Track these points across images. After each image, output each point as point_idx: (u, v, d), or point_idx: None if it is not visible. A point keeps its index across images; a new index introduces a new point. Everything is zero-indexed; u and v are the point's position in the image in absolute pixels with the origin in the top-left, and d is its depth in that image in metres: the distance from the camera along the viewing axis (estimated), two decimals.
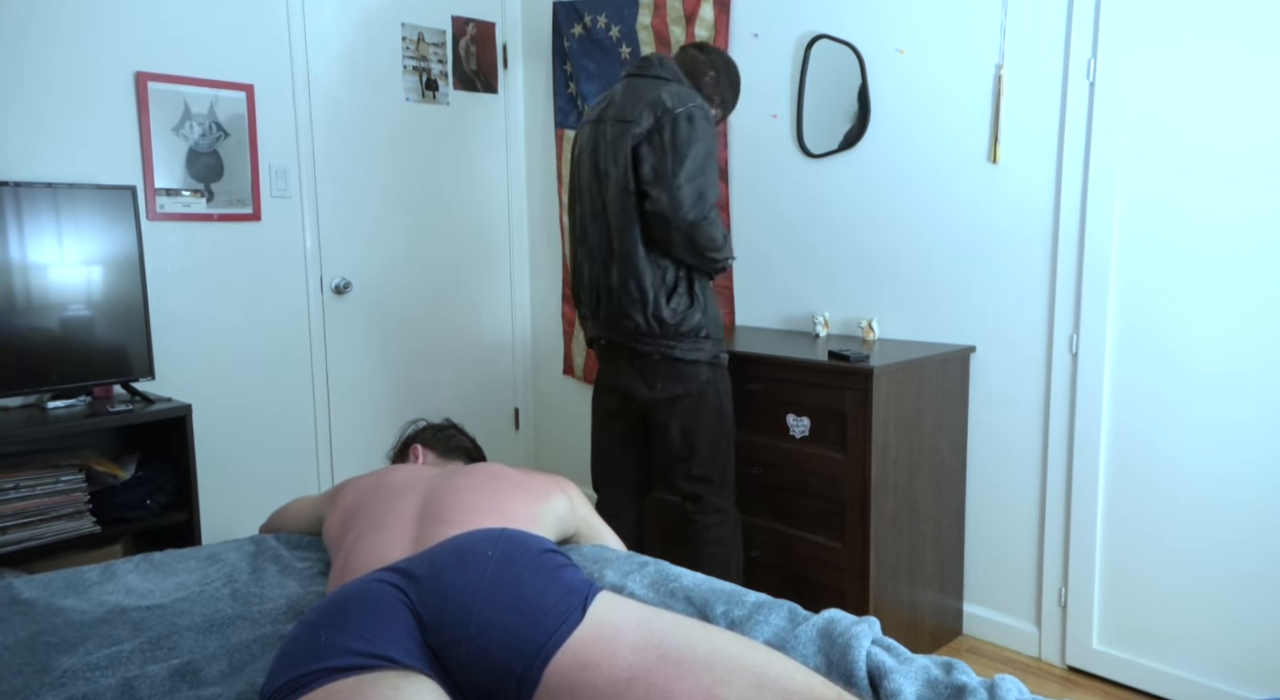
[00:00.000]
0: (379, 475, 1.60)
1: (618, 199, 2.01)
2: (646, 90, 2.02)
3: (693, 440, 2.09)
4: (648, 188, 1.96)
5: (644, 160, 1.96)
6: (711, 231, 1.98)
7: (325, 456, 3.07)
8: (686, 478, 2.12)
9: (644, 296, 2.02)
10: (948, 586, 2.35)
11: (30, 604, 1.40)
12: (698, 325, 2.05)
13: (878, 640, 1.22)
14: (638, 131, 1.97)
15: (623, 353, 2.11)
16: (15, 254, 2.22)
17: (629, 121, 1.99)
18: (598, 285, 2.12)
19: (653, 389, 2.08)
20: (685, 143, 1.94)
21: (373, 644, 1.03)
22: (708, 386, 2.09)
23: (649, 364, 2.07)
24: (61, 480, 2.21)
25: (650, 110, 1.97)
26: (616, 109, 2.04)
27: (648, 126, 1.96)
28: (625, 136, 1.99)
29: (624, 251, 2.02)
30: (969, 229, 2.32)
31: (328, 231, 3.01)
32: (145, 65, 2.56)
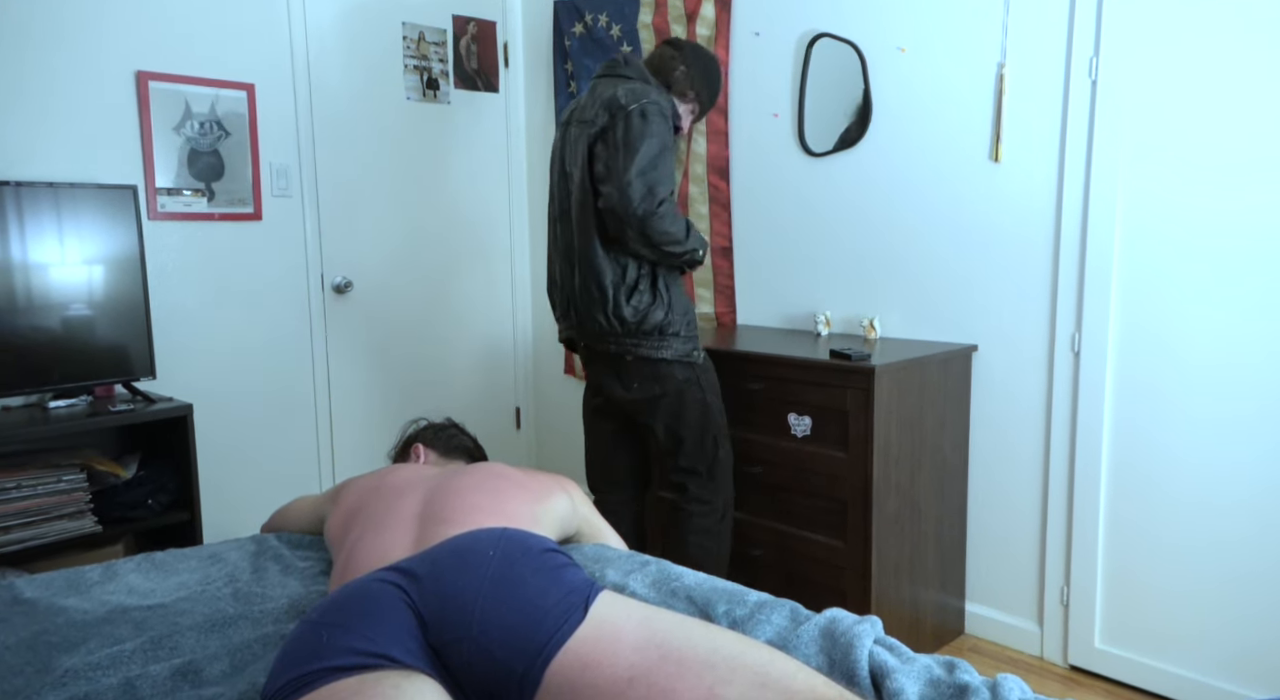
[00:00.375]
0: (380, 475, 1.60)
1: (578, 199, 2.04)
2: (606, 90, 2.04)
3: (679, 436, 2.12)
4: (599, 184, 1.97)
5: (598, 158, 1.98)
6: (664, 225, 1.96)
7: (326, 456, 3.07)
8: (674, 470, 2.16)
9: (604, 296, 2.02)
10: (949, 586, 2.35)
11: (32, 603, 1.40)
12: (661, 323, 2.04)
13: (880, 640, 1.21)
14: (593, 131, 1.99)
15: (597, 354, 2.12)
16: (16, 253, 2.22)
17: (587, 122, 2.02)
18: (566, 286, 2.13)
19: (629, 390, 2.10)
20: (637, 138, 1.93)
21: (374, 643, 1.03)
22: (686, 385, 2.09)
23: (623, 364, 2.08)
24: (63, 480, 2.21)
25: (605, 108, 1.99)
26: (580, 110, 2.07)
27: (602, 124, 1.98)
28: (583, 136, 2.02)
29: (583, 251, 2.04)
30: (971, 228, 2.31)
31: (328, 231, 3.01)
32: (146, 64, 2.56)
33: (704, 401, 2.12)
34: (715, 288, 2.93)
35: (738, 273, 2.89)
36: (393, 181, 3.16)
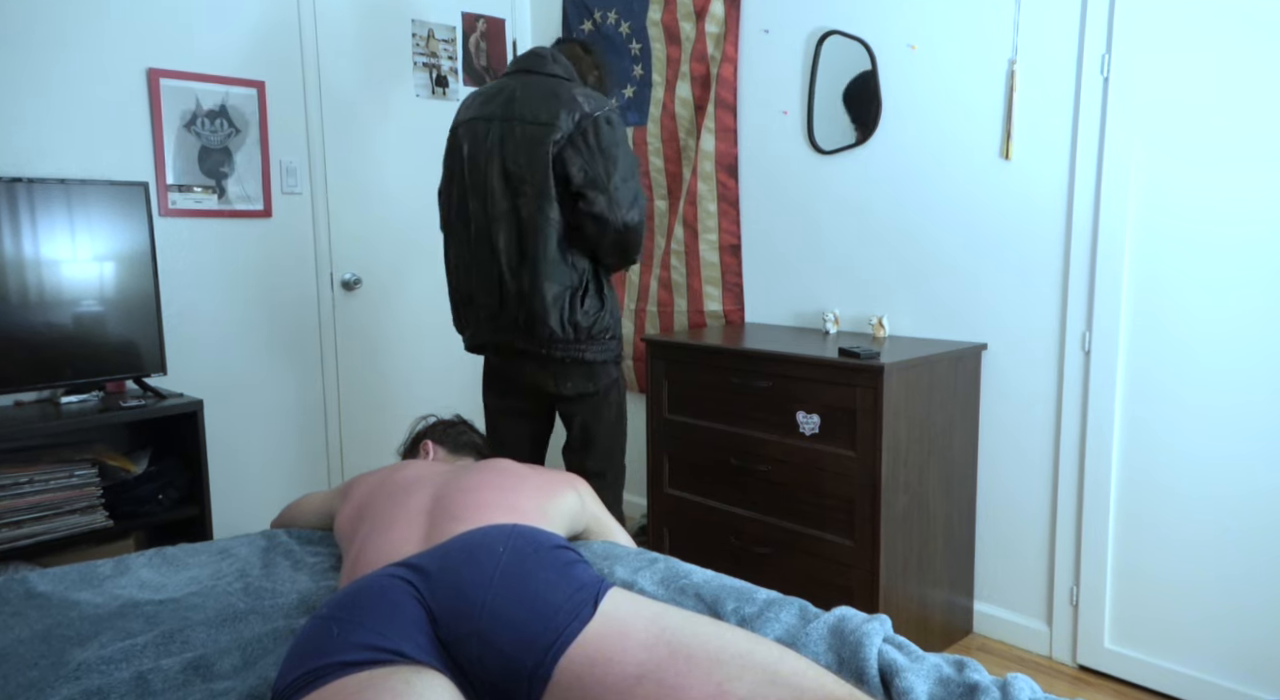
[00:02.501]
0: (390, 471, 1.60)
1: (534, 202, 1.96)
2: (552, 89, 1.98)
3: (592, 436, 2.15)
4: (583, 190, 1.94)
5: (569, 164, 1.94)
6: (642, 233, 2.04)
7: (335, 451, 3.08)
8: (580, 471, 2.17)
9: (558, 302, 1.99)
10: (958, 584, 2.34)
11: (45, 597, 1.40)
12: (606, 326, 2.07)
13: (889, 638, 1.21)
14: (559, 136, 1.93)
15: (531, 356, 2.07)
16: (29, 250, 2.23)
17: (544, 124, 1.94)
18: (501, 288, 2.03)
19: (563, 387, 2.09)
20: (611, 145, 1.95)
21: (385, 638, 1.04)
22: (613, 385, 2.15)
23: (560, 365, 2.07)
24: (75, 475, 2.23)
25: (567, 112, 1.94)
26: (522, 107, 1.97)
27: (568, 130, 1.93)
28: (544, 140, 1.93)
29: (536, 255, 1.97)
30: (981, 225, 2.30)
31: (338, 227, 3.02)
32: (157, 62, 2.57)
33: (619, 404, 2.19)
34: (723, 286, 2.92)
35: (746, 270, 2.89)
36: (402, 178, 3.17)
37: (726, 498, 2.41)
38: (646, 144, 3.07)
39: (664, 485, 2.58)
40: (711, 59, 2.84)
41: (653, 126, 3.04)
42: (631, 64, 3.09)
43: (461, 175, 2.05)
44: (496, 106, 2.01)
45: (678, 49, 2.94)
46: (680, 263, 3.00)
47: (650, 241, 3.15)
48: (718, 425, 2.40)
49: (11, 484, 2.12)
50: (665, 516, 2.59)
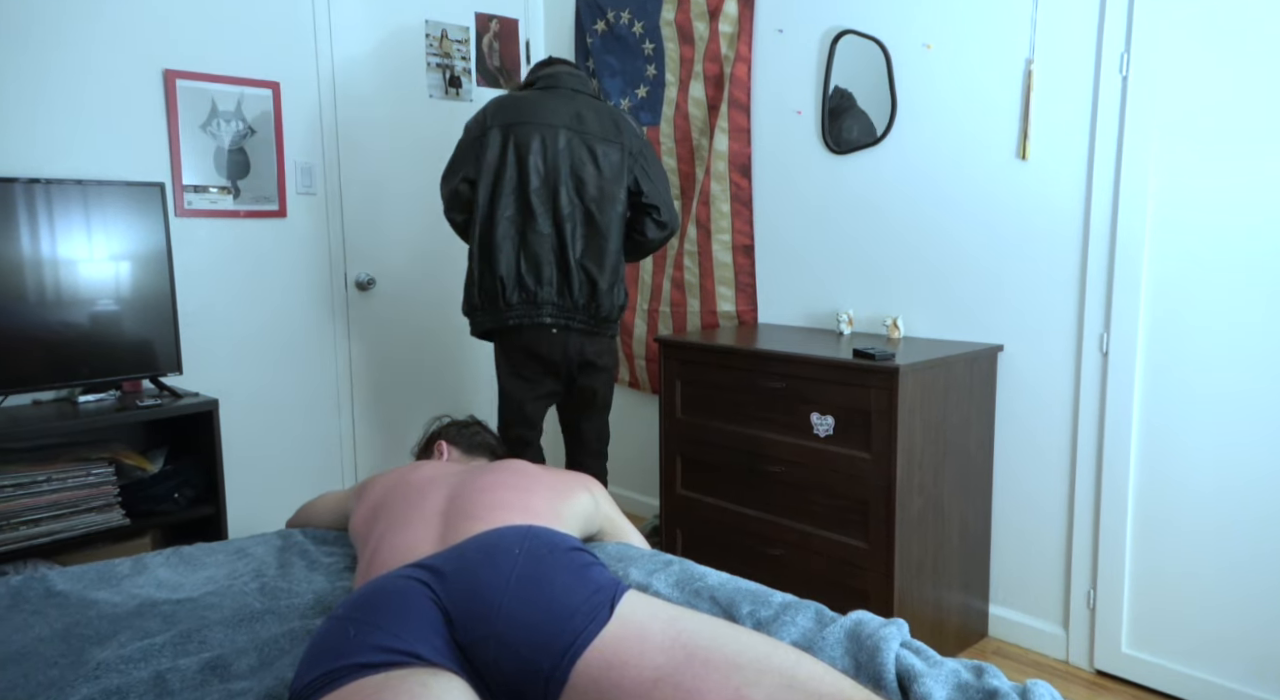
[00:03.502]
0: (404, 471, 1.61)
1: (610, 207, 2.32)
2: (610, 111, 2.36)
3: (605, 402, 2.54)
4: (654, 203, 2.37)
5: (641, 180, 2.35)
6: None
7: (349, 452, 3.09)
8: (597, 434, 2.58)
9: (614, 289, 2.37)
10: (973, 588, 2.33)
11: (64, 596, 1.42)
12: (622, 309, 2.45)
13: (906, 643, 1.20)
14: (630, 154, 2.34)
15: (581, 333, 2.37)
16: (46, 250, 2.25)
17: (616, 143, 2.32)
18: (568, 275, 2.31)
19: (600, 359, 2.43)
20: (659, 165, 2.43)
21: (401, 640, 1.04)
22: (615, 358, 2.52)
23: (603, 341, 2.43)
24: (92, 473, 2.24)
25: (631, 134, 2.36)
26: (593, 124, 2.31)
27: (635, 150, 2.35)
28: (620, 156, 2.32)
29: (604, 250, 2.33)
30: (997, 226, 2.29)
31: (352, 228, 3.03)
32: (173, 63, 2.58)
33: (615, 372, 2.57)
34: (736, 286, 2.92)
35: (759, 271, 2.88)
36: (415, 179, 3.18)
37: (739, 499, 2.40)
38: (659, 144, 3.06)
39: (676, 486, 2.57)
40: (725, 58, 2.83)
41: (665, 126, 3.04)
42: (644, 64, 3.08)
43: (516, 173, 2.29)
44: (559, 118, 2.30)
45: (691, 49, 2.93)
46: (693, 263, 2.99)
47: None
48: (731, 426, 2.40)
49: (30, 482, 2.14)
50: (678, 517, 2.58)
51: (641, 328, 3.23)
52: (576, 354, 2.37)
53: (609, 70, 3.20)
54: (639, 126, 2.37)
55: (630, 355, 3.30)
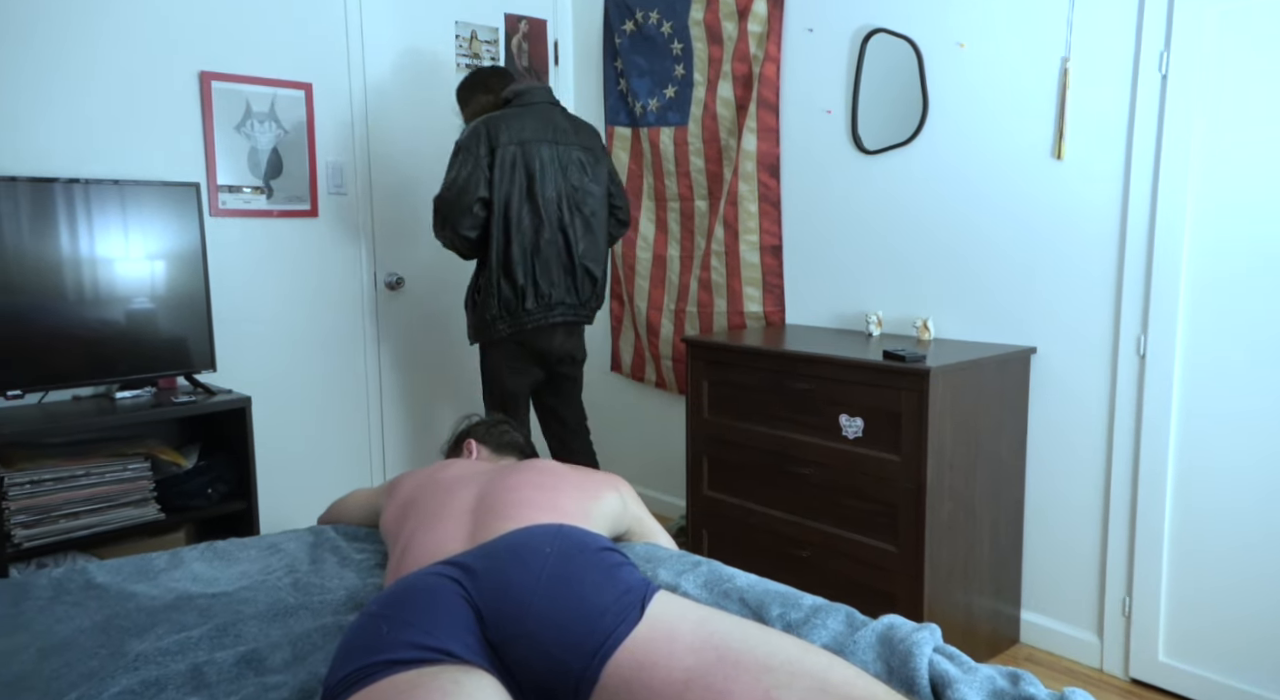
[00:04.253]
0: (434, 469, 1.62)
1: (600, 208, 2.59)
2: (573, 117, 2.58)
3: (581, 383, 2.79)
4: (619, 202, 2.68)
5: (613, 181, 2.65)
6: None
7: (377, 449, 3.12)
8: (577, 414, 2.79)
9: (602, 281, 2.62)
10: (1004, 593, 2.30)
11: (104, 588, 1.44)
12: None
13: (939, 648, 1.19)
14: (601, 157, 2.60)
15: (568, 325, 2.60)
16: (85, 249, 2.29)
17: (594, 150, 2.59)
18: (575, 277, 2.55)
19: (580, 351, 2.69)
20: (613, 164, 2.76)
21: (433, 637, 1.04)
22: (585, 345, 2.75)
23: (580, 333, 2.67)
24: (129, 468, 2.28)
25: (597, 140, 2.62)
26: (575, 136, 2.54)
27: (602, 153, 2.61)
28: (600, 163, 2.59)
29: (600, 251, 2.60)
30: (1031, 226, 2.25)
31: (381, 228, 3.06)
32: (209, 65, 2.62)
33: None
34: (764, 287, 2.90)
35: (787, 271, 2.87)
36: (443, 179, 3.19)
37: (766, 500, 2.39)
38: (688, 144, 3.06)
39: (703, 486, 2.57)
40: (754, 58, 2.82)
41: (694, 126, 3.03)
42: (673, 64, 3.08)
43: (526, 187, 2.45)
44: (547, 132, 2.49)
45: (719, 48, 2.92)
46: (720, 263, 2.98)
47: (690, 242, 3.14)
48: (758, 427, 2.39)
49: (69, 476, 2.18)
50: (704, 518, 2.58)
51: (668, 328, 3.23)
52: (572, 347, 2.63)
53: (637, 70, 3.20)
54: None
55: (657, 355, 3.30)
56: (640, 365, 3.41)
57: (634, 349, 3.43)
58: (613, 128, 3.35)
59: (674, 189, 3.15)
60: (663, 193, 3.20)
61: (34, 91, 2.34)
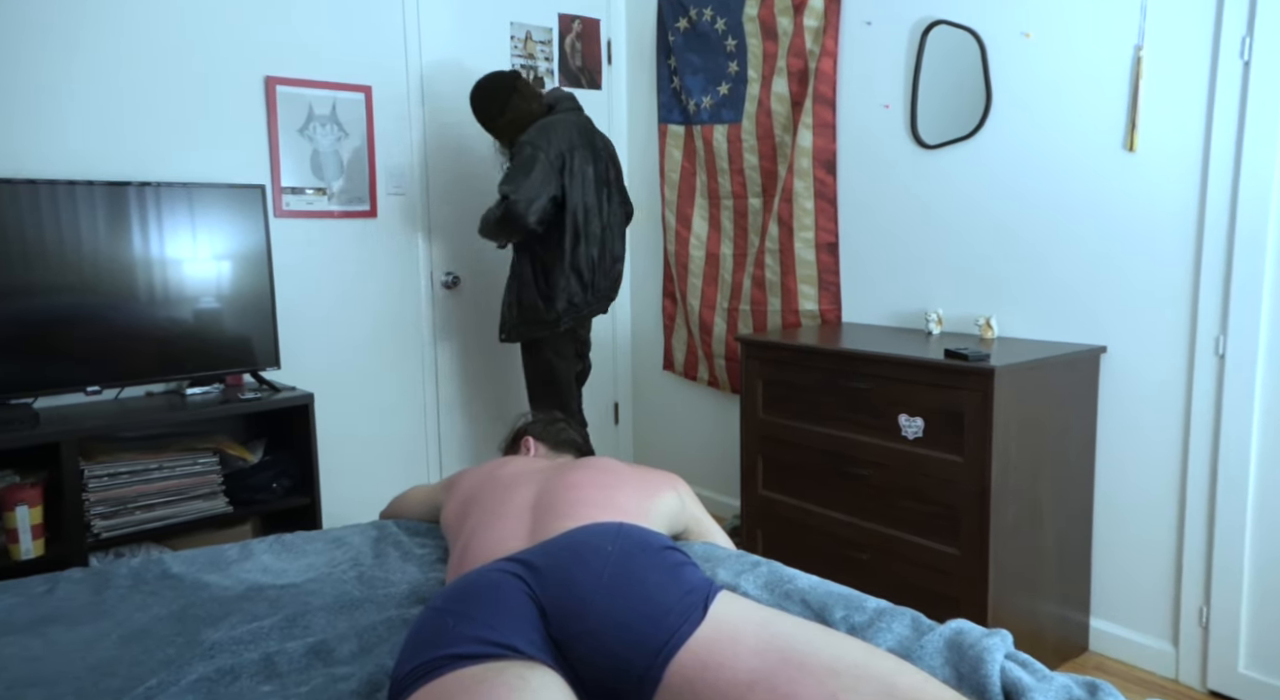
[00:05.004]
0: (493, 466, 1.63)
1: (622, 207, 2.85)
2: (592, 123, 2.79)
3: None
4: (627, 196, 2.90)
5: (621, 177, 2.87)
6: None
7: (434, 446, 3.17)
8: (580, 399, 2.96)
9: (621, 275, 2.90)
10: (1072, 599, 2.22)
11: (179, 578, 1.49)
12: None
13: (1011, 655, 1.16)
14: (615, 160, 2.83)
15: (595, 314, 2.85)
16: (155, 250, 2.37)
17: (611, 152, 2.82)
18: (615, 270, 2.81)
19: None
20: None
21: (498, 633, 1.05)
22: None
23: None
24: (199, 462, 2.36)
25: (607, 143, 2.81)
26: (601, 141, 2.76)
27: (615, 155, 2.85)
28: (615, 162, 2.83)
29: (619, 245, 2.83)
30: (1101, 221, 2.18)
31: (438, 228, 3.10)
32: (274, 70, 2.69)
33: None
34: (820, 284, 2.86)
35: (843, 269, 2.82)
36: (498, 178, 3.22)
37: (822, 500, 2.36)
38: (741, 141, 3.03)
39: (758, 486, 2.54)
40: (810, 53, 2.79)
41: (747, 123, 3.00)
42: (727, 61, 3.06)
43: (591, 189, 2.69)
44: (588, 136, 2.71)
45: (774, 44, 2.89)
46: (775, 261, 2.95)
47: (743, 239, 3.11)
48: (814, 427, 2.35)
49: (143, 470, 2.26)
50: (759, 518, 2.55)
51: (721, 326, 3.21)
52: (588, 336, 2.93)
53: (690, 68, 3.19)
54: None
55: (710, 354, 3.28)
56: (693, 364, 3.40)
57: (686, 347, 3.42)
58: (666, 126, 3.34)
59: (727, 186, 3.13)
60: (716, 190, 3.18)
61: (110, 99, 2.43)
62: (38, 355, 2.19)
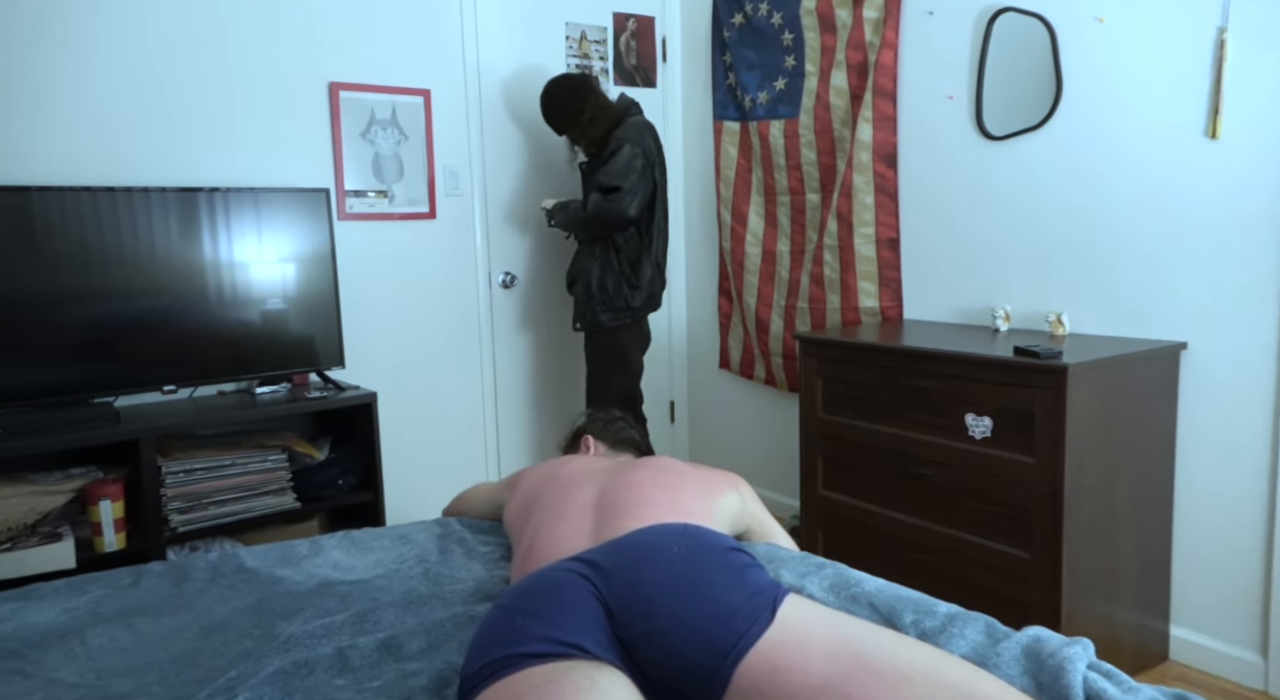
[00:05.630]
0: (553, 465, 1.64)
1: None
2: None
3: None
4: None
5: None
6: None
7: (492, 443, 3.20)
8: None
9: None
10: (1151, 606, 2.14)
11: (253, 573, 1.53)
12: None
13: (1094, 664, 1.11)
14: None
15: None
16: (224, 253, 2.44)
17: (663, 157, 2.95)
18: (662, 266, 2.95)
19: None
20: None
21: (566, 632, 1.05)
22: None
23: None
24: (268, 459, 2.42)
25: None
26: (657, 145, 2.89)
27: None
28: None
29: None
30: (1181, 211, 2.09)
31: (495, 228, 3.13)
32: (337, 75, 2.75)
33: None
34: (880, 281, 2.81)
35: (905, 265, 2.76)
36: (553, 178, 3.25)
37: (884, 501, 2.32)
38: (799, 136, 2.99)
39: (818, 486, 2.51)
40: (870, 46, 2.73)
41: (805, 118, 2.96)
42: (783, 55, 3.02)
43: (662, 189, 2.86)
44: (656, 141, 2.87)
45: (833, 37, 2.84)
46: (833, 258, 2.90)
47: (801, 236, 3.07)
48: (876, 426, 2.31)
49: (217, 466, 2.33)
50: (819, 518, 2.52)
51: (778, 324, 3.17)
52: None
53: (746, 63, 3.15)
54: None
55: (766, 352, 3.25)
56: (749, 362, 3.37)
57: (743, 346, 3.39)
58: (721, 122, 3.32)
59: (784, 183, 3.09)
60: (772, 187, 3.14)
61: (180, 107, 2.51)
62: (118, 356, 2.28)
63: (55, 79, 2.32)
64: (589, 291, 2.82)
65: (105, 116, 2.40)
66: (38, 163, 2.31)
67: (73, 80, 2.34)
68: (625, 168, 2.66)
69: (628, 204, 2.66)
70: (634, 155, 2.68)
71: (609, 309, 2.82)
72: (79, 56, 2.35)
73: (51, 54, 2.31)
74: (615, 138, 2.72)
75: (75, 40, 2.34)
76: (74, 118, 2.35)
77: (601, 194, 2.68)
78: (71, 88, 2.34)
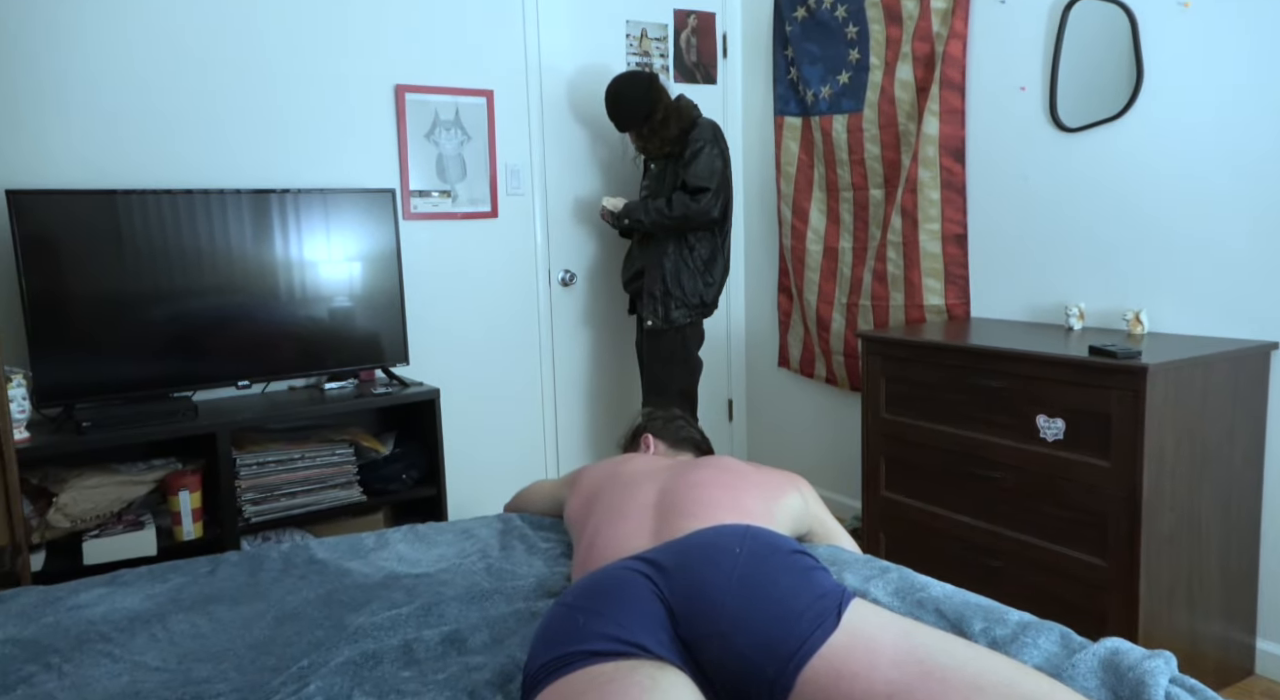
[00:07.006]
0: (614, 463, 1.64)
1: None
2: None
3: None
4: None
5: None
6: None
7: (551, 440, 3.23)
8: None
9: None
10: (1236, 618, 2.04)
11: (323, 564, 1.57)
12: None
13: (1176, 679, 1.07)
14: None
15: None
16: (295, 253, 2.51)
17: None
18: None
19: None
20: None
21: (628, 631, 1.05)
22: None
23: None
24: (336, 453, 2.49)
25: None
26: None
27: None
28: None
29: None
30: (1270, 205, 1.98)
31: (555, 227, 3.16)
32: (403, 78, 2.80)
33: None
34: (946, 278, 2.74)
35: (972, 261, 2.69)
36: (612, 176, 3.25)
37: (950, 504, 2.26)
38: (862, 130, 2.93)
39: (880, 487, 2.46)
40: (937, 37, 2.66)
41: (869, 112, 2.91)
42: (847, 49, 2.96)
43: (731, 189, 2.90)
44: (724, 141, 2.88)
45: (899, 29, 2.78)
46: (898, 255, 2.84)
47: (864, 233, 3.02)
48: (941, 426, 2.25)
49: (287, 459, 2.41)
50: (882, 520, 2.47)
51: (839, 322, 3.12)
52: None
53: (809, 58, 3.11)
54: None
55: (827, 351, 3.20)
56: (810, 361, 3.32)
57: (803, 344, 3.34)
58: (782, 117, 3.28)
59: (847, 178, 3.04)
60: (835, 182, 3.09)
61: (254, 112, 2.59)
62: (196, 353, 2.37)
63: (137, 87, 2.42)
64: (665, 288, 2.81)
65: (182, 122, 2.49)
66: (121, 167, 2.42)
67: (152, 88, 2.44)
68: (710, 169, 2.74)
69: (713, 205, 2.75)
70: (714, 156, 2.76)
71: (683, 305, 2.83)
72: (160, 67, 2.45)
73: (134, 64, 2.41)
74: (694, 138, 2.76)
75: (156, 51, 2.44)
76: (153, 124, 2.45)
77: (689, 195, 2.73)
78: (150, 95, 2.44)
